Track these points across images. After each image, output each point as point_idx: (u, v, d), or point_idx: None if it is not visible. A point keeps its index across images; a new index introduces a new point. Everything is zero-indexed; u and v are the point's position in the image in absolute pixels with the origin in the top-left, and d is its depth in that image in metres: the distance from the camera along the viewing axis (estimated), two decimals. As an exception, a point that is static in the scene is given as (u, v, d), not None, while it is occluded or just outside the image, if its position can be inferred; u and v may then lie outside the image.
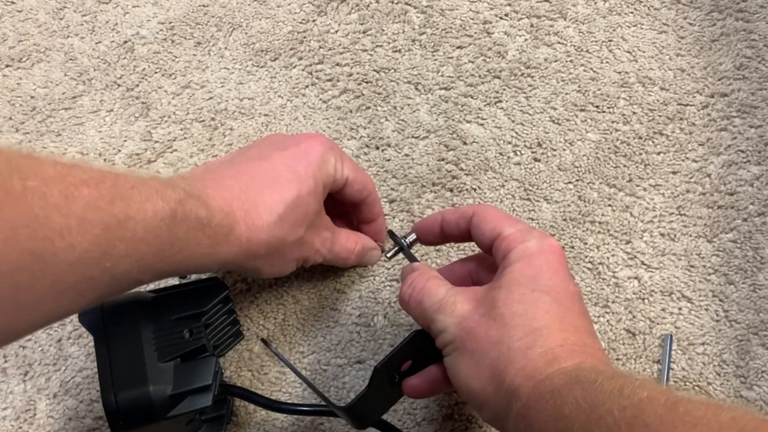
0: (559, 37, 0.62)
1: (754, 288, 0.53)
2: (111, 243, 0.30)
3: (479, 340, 0.36)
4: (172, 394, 0.41)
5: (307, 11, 0.63)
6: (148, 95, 0.60)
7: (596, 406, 0.29)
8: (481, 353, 0.36)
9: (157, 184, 0.34)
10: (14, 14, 0.63)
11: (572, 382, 0.32)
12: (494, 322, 0.36)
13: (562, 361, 0.34)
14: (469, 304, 0.38)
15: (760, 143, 0.57)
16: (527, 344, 0.35)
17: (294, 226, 0.42)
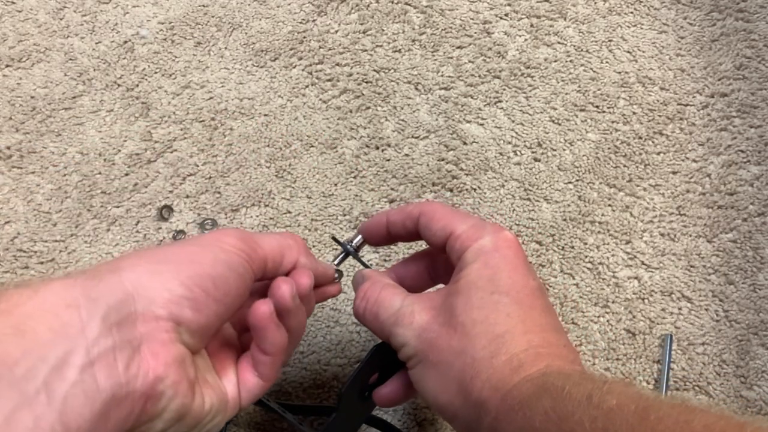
0: (559, 37, 0.62)
1: (754, 288, 0.53)
2: None
3: (442, 351, 0.35)
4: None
5: (307, 11, 0.63)
6: (148, 95, 0.60)
7: (566, 418, 0.28)
8: (446, 365, 0.35)
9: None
10: (14, 14, 0.63)
11: (540, 392, 0.31)
12: (455, 332, 0.35)
13: (528, 367, 0.33)
14: (427, 314, 0.36)
15: (760, 143, 0.57)
16: (491, 353, 0.34)
17: None
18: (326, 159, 0.58)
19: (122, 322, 0.28)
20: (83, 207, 0.56)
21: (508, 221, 0.56)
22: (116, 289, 0.29)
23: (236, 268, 0.33)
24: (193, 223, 0.56)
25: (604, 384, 0.29)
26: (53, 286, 0.28)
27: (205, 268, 0.32)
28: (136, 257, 0.31)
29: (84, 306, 0.27)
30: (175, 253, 0.32)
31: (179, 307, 0.30)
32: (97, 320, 0.27)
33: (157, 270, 0.31)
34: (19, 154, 0.58)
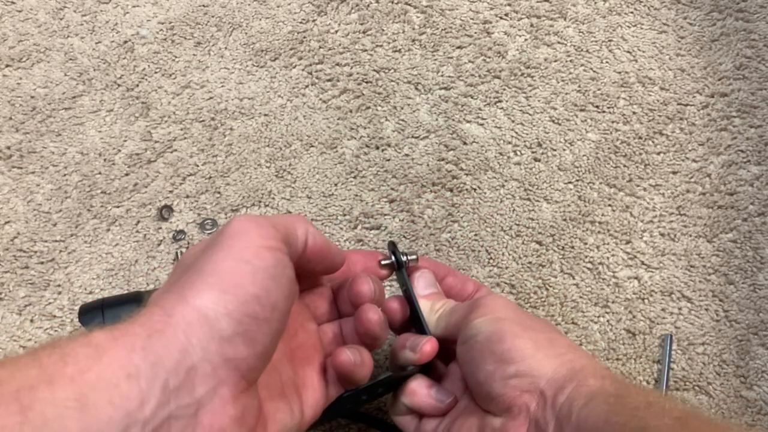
0: (559, 37, 0.62)
1: (754, 288, 0.53)
2: None
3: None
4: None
5: (307, 11, 0.63)
6: (148, 95, 0.60)
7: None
8: (534, 329, 0.37)
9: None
10: (14, 14, 0.63)
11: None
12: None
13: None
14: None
15: (760, 143, 0.57)
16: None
17: None
18: (326, 159, 0.58)
19: (181, 385, 0.28)
20: (83, 207, 0.56)
21: (508, 221, 0.56)
22: (172, 346, 0.28)
23: (278, 271, 0.32)
24: (193, 223, 0.56)
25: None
26: (117, 351, 0.27)
27: (248, 289, 0.31)
28: (178, 294, 0.30)
29: (144, 375, 0.27)
30: (212, 276, 0.31)
31: (233, 347, 0.30)
32: (156, 390, 0.27)
33: (202, 308, 0.30)
34: (19, 154, 0.58)
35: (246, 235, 0.32)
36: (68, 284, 0.53)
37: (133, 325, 0.29)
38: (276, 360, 0.36)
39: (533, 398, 0.35)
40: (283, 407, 0.35)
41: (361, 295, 0.40)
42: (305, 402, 0.37)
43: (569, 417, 0.32)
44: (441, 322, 0.42)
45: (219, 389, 0.29)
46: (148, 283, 0.53)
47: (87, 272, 0.54)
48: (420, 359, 0.40)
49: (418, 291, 0.44)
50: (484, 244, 0.55)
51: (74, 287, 0.53)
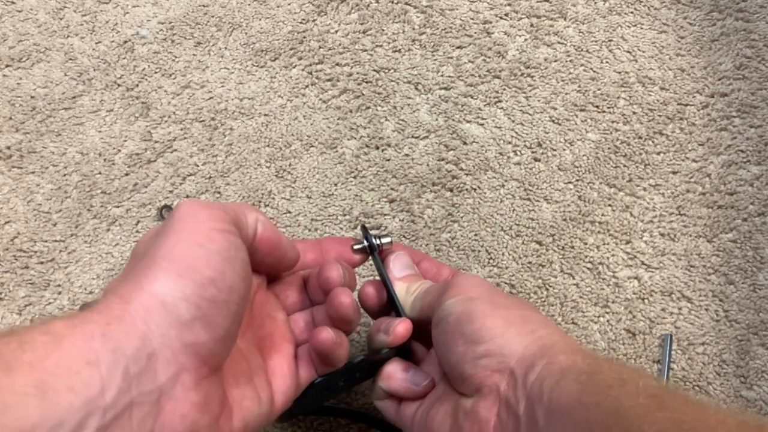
0: (559, 37, 0.62)
1: (754, 288, 0.53)
2: None
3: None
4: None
5: (307, 11, 0.63)
6: (148, 95, 0.60)
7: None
8: (506, 307, 0.36)
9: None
10: (14, 14, 0.63)
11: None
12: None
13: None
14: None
15: (760, 143, 0.57)
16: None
17: None
18: (326, 159, 0.58)
19: (142, 372, 0.28)
20: (83, 207, 0.56)
21: (508, 221, 0.56)
22: (132, 333, 0.28)
23: (231, 253, 0.32)
24: (193, 223, 0.55)
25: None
26: (76, 338, 0.27)
27: (203, 273, 0.31)
28: (134, 280, 0.30)
29: (104, 362, 0.27)
30: (170, 262, 0.31)
31: (192, 332, 0.30)
32: (117, 378, 0.27)
33: (158, 293, 0.30)
34: (19, 154, 0.58)
35: (195, 218, 0.32)
36: (68, 284, 0.53)
37: (92, 313, 0.28)
38: (244, 348, 0.36)
39: (503, 378, 0.34)
40: (250, 395, 0.34)
41: (330, 281, 0.39)
42: (275, 389, 0.36)
43: (540, 397, 0.32)
44: (417, 303, 0.41)
45: (180, 375, 0.29)
46: (148, 283, 0.53)
47: (87, 272, 0.54)
48: (393, 341, 0.39)
49: (394, 273, 0.43)
50: (484, 244, 0.55)
51: (74, 287, 0.53)
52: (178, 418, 0.29)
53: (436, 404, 0.38)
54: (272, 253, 0.37)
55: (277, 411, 0.36)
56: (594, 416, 0.29)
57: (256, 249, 0.36)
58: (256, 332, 0.38)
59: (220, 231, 0.32)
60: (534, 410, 0.32)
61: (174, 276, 0.30)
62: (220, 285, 0.31)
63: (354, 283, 0.41)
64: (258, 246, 0.36)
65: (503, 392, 0.34)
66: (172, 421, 0.29)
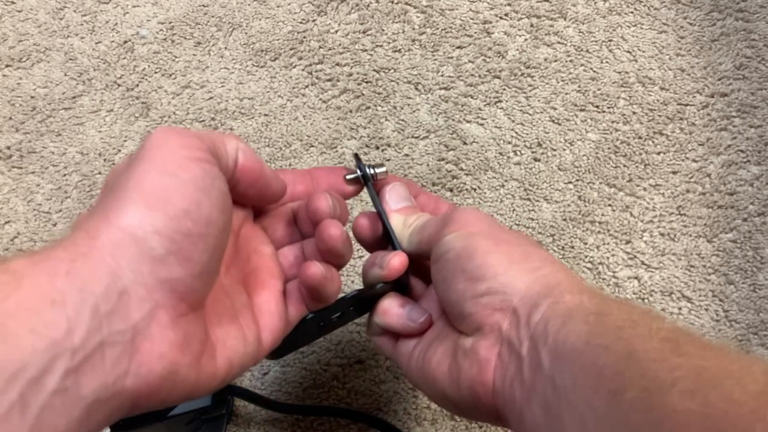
0: (559, 37, 0.62)
1: (754, 288, 0.53)
2: None
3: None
4: None
5: (307, 11, 0.63)
6: (148, 95, 0.60)
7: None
8: (508, 243, 0.34)
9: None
10: (14, 14, 0.63)
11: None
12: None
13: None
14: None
15: (760, 143, 0.57)
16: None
17: None
18: (326, 159, 0.58)
19: (113, 311, 0.26)
20: (83, 207, 0.56)
21: (508, 221, 0.56)
22: (99, 269, 0.26)
23: (206, 183, 0.30)
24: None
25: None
26: (37, 277, 0.25)
27: (176, 204, 0.28)
28: (102, 213, 0.28)
29: (71, 301, 0.25)
30: (137, 191, 0.28)
31: (167, 267, 0.28)
32: (85, 317, 0.25)
33: (128, 226, 0.27)
34: (19, 154, 0.58)
35: (167, 145, 0.30)
36: (68, 284, 0.53)
37: (56, 250, 0.26)
38: (228, 285, 0.35)
39: (505, 317, 0.32)
40: (235, 333, 0.33)
41: (319, 212, 0.37)
42: (263, 327, 0.35)
43: (545, 338, 0.30)
44: (414, 237, 0.39)
45: (156, 313, 0.27)
46: (148, 283, 0.53)
47: (87, 272, 0.54)
48: (388, 275, 0.37)
49: (390, 205, 0.40)
50: (484, 244, 0.55)
51: (74, 287, 0.53)
52: (155, 358, 0.27)
53: (434, 343, 0.36)
54: (255, 183, 0.35)
55: (266, 350, 0.35)
56: (604, 360, 0.27)
57: (237, 180, 0.34)
58: (241, 268, 0.37)
59: (194, 159, 0.30)
60: (538, 351, 0.30)
61: (144, 208, 0.28)
62: (195, 217, 0.29)
63: (346, 214, 0.39)
64: (239, 177, 0.34)
65: (505, 332, 0.32)
66: (150, 362, 0.27)
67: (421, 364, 0.36)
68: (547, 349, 0.29)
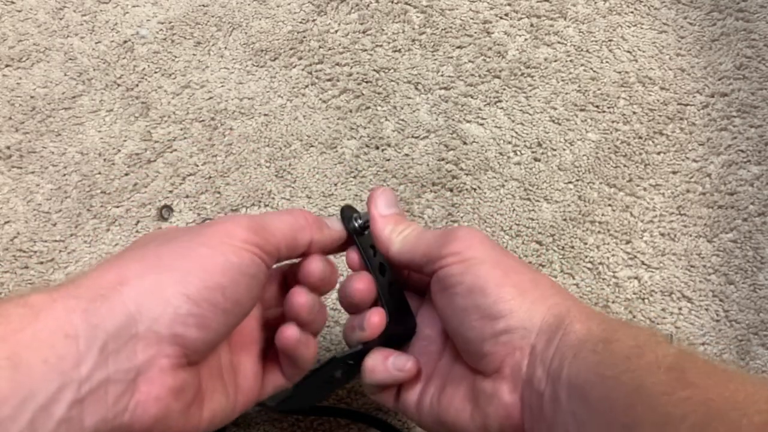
0: (559, 36, 0.62)
1: (754, 288, 0.53)
2: None
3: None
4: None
5: (307, 11, 0.63)
6: (148, 95, 0.60)
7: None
8: (516, 271, 0.34)
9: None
10: (14, 14, 0.63)
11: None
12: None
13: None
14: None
15: (760, 143, 0.57)
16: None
17: None
18: (326, 159, 0.58)
19: (121, 349, 0.28)
20: (83, 207, 0.56)
21: (508, 221, 0.56)
22: (118, 311, 0.28)
23: (249, 270, 0.32)
24: (193, 223, 0.56)
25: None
26: (55, 311, 0.27)
27: (215, 277, 0.30)
28: (140, 265, 0.30)
29: (83, 336, 0.26)
30: (183, 257, 0.30)
31: (185, 327, 0.29)
32: (94, 351, 0.27)
33: (162, 282, 0.29)
34: (19, 154, 0.58)
35: (232, 235, 0.32)
36: (68, 284, 0.53)
37: (78, 288, 0.28)
38: (245, 333, 0.36)
39: (524, 355, 0.33)
40: (221, 389, 0.34)
41: (311, 275, 0.37)
42: (239, 389, 0.36)
43: (560, 372, 0.31)
44: (406, 246, 0.38)
45: (158, 359, 0.29)
46: (148, 283, 0.53)
47: (87, 272, 0.54)
48: (371, 335, 0.37)
49: (380, 210, 0.39)
50: (484, 244, 0.55)
51: (74, 287, 0.53)
52: (152, 400, 0.29)
53: (447, 388, 0.36)
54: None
55: (238, 412, 0.35)
56: (615, 393, 0.28)
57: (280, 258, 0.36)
58: None
59: (249, 251, 0.32)
60: (555, 388, 0.31)
61: (183, 272, 0.30)
62: (228, 294, 0.31)
63: (335, 280, 0.39)
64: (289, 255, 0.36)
65: (525, 372, 0.33)
66: (147, 402, 0.28)
67: (436, 411, 0.36)
68: (562, 384, 0.30)
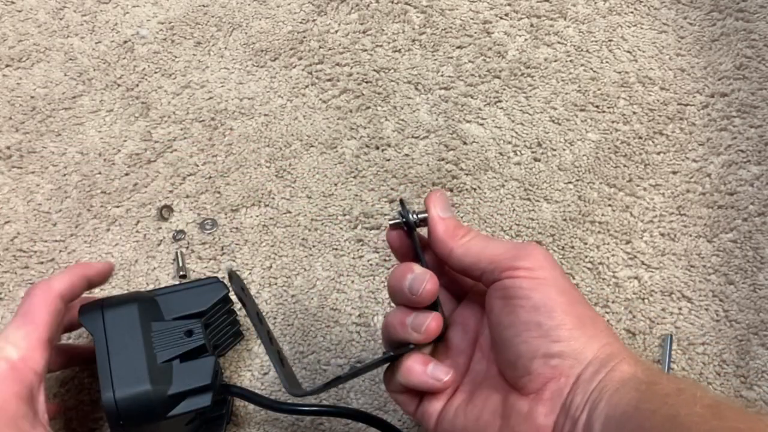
0: (559, 37, 0.62)
1: (754, 288, 0.53)
2: None
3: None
4: (171, 394, 0.41)
5: (307, 11, 0.63)
6: (148, 95, 0.60)
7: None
8: (580, 303, 0.36)
9: None
10: (14, 14, 0.63)
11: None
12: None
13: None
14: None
15: (760, 143, 0.57)
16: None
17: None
18: (326, 159, 0.58)
19: None
20: (83, 207, 0.56)
21: (508, 221, 0.56)
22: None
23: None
24: (193, 223, 0.56)
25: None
26: None
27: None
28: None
29: None
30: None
31: None
32: None
33: None
34: (19, 154, 0.58)
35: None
36: (68, 284, 0.53)
37: None
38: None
39: (569, 383, 0.33)
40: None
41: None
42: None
43: (599, 403, 0.32)
44: (472, 250, 0.38)
45: None
46: (147, 283, 0.53)
47: (87, 272, 0.54)
48: (426, 339, 0.37)
49: (439, 212, 0.39)
50: (484, 244, 0.55)
51: (74, 287, 0.53)
52: None
53: (476, 401, 0.37)
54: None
55: None
56: (651, 422, 0.29)
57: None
58: None
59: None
60: (591, 417, 0.32)
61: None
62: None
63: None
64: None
65: (565, 398, 0.33)
66: None
67: (461, 423, 0.36)
68: (599, 414, 0.31)
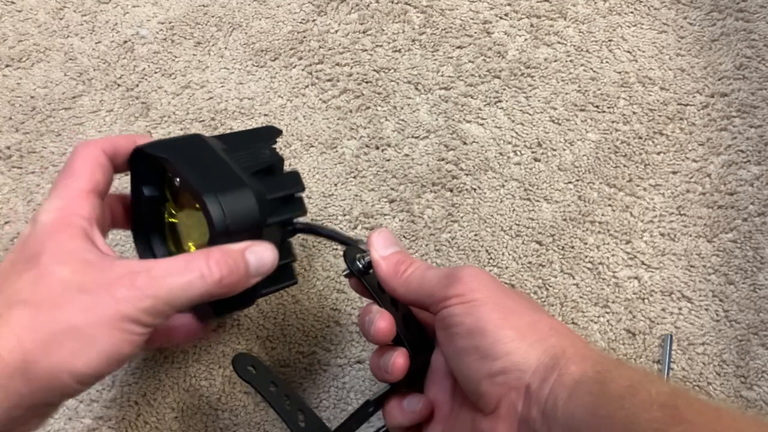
0: (559, 37, 0.62)
1: (754, 288, 0.53)
2: None
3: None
4: (271, 198, 0.38)
5: (307, 11, 0.63)
6: (148, 95, 0.60)
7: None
8: (515, 313, 0.36)
9: None
10: (14, 14, 0.63)
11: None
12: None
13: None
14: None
15: (760, 143, 0.57)
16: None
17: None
18: (326, 159, 0.58)
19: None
20: (83, 207, 0.56)
21: (508, 221, 0.56)
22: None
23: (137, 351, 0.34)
24: (193, 223, 0.56)
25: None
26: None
27: (102, 369, 0.33)
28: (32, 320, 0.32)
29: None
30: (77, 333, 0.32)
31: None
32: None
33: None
34: (19, 154, 0.58)
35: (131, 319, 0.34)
36: (68, 284, 0.53)
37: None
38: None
39: (520, 396, 0.34)
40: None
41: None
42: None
43: (555, 413, 0.32)
44: (412, 286, 0.39)
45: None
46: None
47: (87, 272, 0.54)
48: (396, 377, 0.39)
49: (379, 252, 0.40)
50: (484, 244, 0.55)
51: (74, 287, 0.53)
52: None
53: (457, 423, 0.39)
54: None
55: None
56: (609, 431, 0.29)
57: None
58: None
59: (143, 337, 0.34)
60: (551, 427, 0.32)
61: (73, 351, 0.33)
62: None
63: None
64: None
65: (520, 412, 0.34)
66: None
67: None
68: (558, 424, 0.32)
